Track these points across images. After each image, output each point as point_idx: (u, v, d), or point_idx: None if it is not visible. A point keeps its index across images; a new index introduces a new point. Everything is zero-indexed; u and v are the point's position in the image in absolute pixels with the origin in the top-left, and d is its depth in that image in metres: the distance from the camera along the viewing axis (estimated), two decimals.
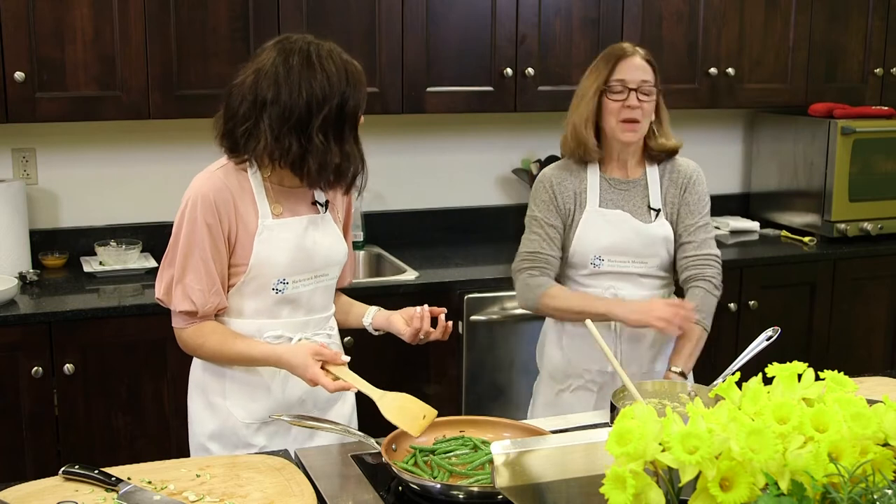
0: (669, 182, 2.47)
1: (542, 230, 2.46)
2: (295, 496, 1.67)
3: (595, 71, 2.43)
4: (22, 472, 2.73)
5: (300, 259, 2.03)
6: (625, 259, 2.43)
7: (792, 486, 1.18)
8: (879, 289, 3.85)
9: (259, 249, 1.99)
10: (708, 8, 3.69)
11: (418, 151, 3.77)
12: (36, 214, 3.30)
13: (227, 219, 1.97)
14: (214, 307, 1.99)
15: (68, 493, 1.67)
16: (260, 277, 2.00)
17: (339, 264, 2.13)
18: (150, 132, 3.38)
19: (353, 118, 1.96)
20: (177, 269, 1.98)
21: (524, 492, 1.35)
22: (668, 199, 2.46)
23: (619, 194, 2.46)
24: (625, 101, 2.37)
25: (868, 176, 3.85)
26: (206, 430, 2.09)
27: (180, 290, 1.97)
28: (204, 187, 1.97)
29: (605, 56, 2.44)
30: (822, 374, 1.37)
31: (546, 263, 2.46)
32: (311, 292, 2.07)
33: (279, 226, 2.01)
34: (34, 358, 2.75)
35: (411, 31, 3.30)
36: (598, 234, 2.42)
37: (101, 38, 2.97)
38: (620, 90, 2.38)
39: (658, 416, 1.24)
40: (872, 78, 4.07)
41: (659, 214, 2.45)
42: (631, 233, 2.42)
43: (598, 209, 2.44)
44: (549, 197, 2.46)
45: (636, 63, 2.40)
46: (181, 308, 1.98)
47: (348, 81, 1.93)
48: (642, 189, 2.47)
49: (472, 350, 3.22)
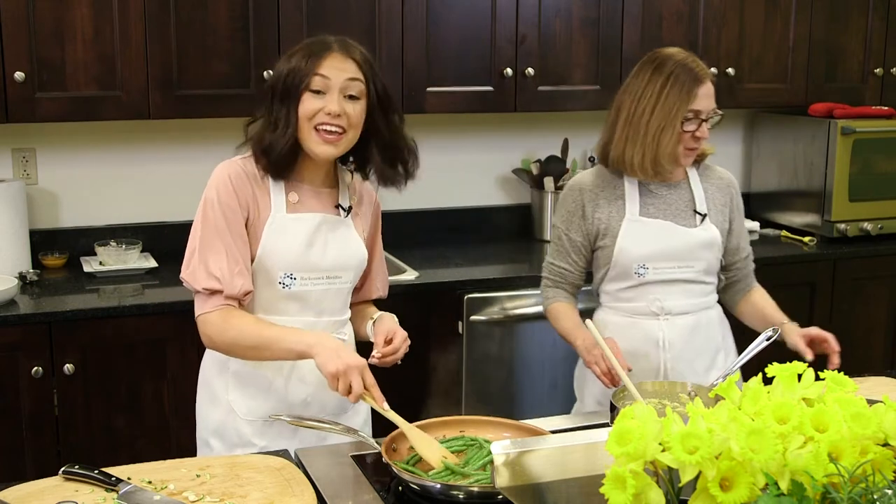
0: (714, 188, 2.42)
1: (560, 242, 2.41)
2: (295, 496, 1.67)
3: (675, 92, 2.24)
4: (22, 472, 2.73)
5: (308, 256, 2.02)
6: (670, 265, 2.34)
7: (792, 486, 1.18)
8: (879, 289, 3.85)
9: (267, 239, 1.99)
10: (708, 8, 3.69)
11: (418, 151, 3.77)
12: (36, 214, 3.30)
13: (245, 203, 1.98)
14: (240, 289, 1.95)
15: (68, 493, 1.67)
16: (267, 269, 2.00)
17: (353, 269, 2.10)
18: (150, 132, 3.38)
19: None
20: (199, 250, 1.96)
21: (524, 492, 1.35)
22: (717, 205, 2.41)
23: (660, 200, 2.37)
24: (695, 132, 2.27)
25: (868, 176, 3.85)
26: (210, 426, 2.10)
27: (203, 269, 1.95)
28: (224, 173, 1.99)
29: (679, 80, 2.25)
30: (822, 374, 1.37)
31: (559, 276, 2.42)
32: (321, 293, 2.06)
33: (291, 219, 2.01)
34: (34, 358, 2.75)
35: (411, 31, 3.30)
36: (641, 243, 2.33)
37: (101, 38, 2.97)
38: (692, 118, 2.26)
39: (658, 416, 1.24)
40: (872, 78, 4.07)
41: (705, 219, 2.37)
42: (675, 239, 2.34)
43: (639, 218, 2.35)
44: (577, 208, 2.38)
45: (709, 91, 2.28)
46: (205, 285, 1.94)
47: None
48: (685, 192, 2.39)
49: (472, 350, 3.22)
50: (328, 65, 1.94)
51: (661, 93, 2.26)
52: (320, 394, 2.06)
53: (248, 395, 2.06)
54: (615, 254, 2.34)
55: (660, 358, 2.36)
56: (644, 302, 2.36)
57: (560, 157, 3.83)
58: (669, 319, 2.36)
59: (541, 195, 3.78)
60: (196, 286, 1.97)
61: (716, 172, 2.46)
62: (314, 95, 1.94)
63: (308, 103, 1.94)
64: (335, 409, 2.11)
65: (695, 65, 2.28)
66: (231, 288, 1.94)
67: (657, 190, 2.37)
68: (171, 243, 3.41)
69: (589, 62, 3.57)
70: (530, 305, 3.25)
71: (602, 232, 2.36)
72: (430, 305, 3.15)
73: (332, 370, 1.83)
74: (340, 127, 1.95)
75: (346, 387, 1.83)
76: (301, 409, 2.07)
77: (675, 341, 2.36)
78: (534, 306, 3.25)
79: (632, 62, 3.58)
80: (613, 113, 2.36)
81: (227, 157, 2.04)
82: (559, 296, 2.43)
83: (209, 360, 2.13)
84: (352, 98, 1.96)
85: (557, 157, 3.83)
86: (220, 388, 2.08)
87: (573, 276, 2.42)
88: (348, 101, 1.95)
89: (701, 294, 2.40)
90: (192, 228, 2.01)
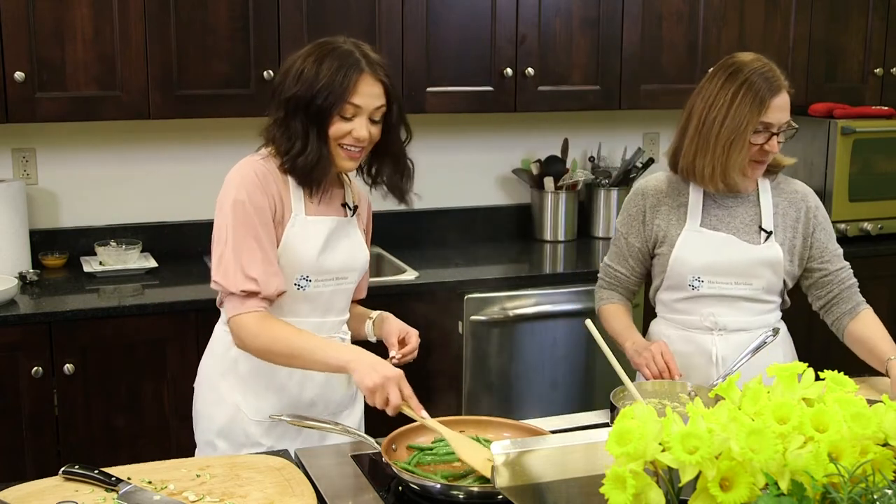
0: (786, 203, 2.30)
1: (619, 245, 2.36)
2: (295, 496, 1.67)
3: (747, 102, 2.14)
4: (22, 472, 2.73)
5: (323, 259, 2.03)
6: (727, 280, 2.24)
7: (792, 486, 1.18)
8: (879, 289, 3.85)
9: (287, 241, 1.99)
10: (708, 8, 3.69)
11: (418, 151, 3.75)
12: (36, 214, 3.30)
13: (272, 200, 1.98)
14: (276, 289, 1.95)
15: (68, 493, 1.67)
16: (285, 270, 2.00)
17: (359, 270, 2.13)
18: (150, 132, 3.38)
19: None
20: (233, 251, 1.93)
21: (524, 492, 1.35)
22: (787, 221, 2.29)
23: (724, 211, 2.27)
24: (764, 145, 2.17)
25: (868, 176, 3.85)
26: (215, 427, 2.10)
27: (239, 271, 1.93)
28: (249, 171, 1.98)
29: (752, 89, 2.15)
30: (822, 374, 1.37)
31: (614, 279, 2.38)
32: (330, 294, 2.08)
33: (311, 222, 2.02)
34: (34, 358, 2.75)
35: (411, 31, 3.30)
36: (698, 254, 2.24)
37: (101, 38, 2.97)
38: (762, 131, 2.16)
39: (658, 416, 1.24)
40: (872, 78, 4.07)
41: (770, 237, 2.26)
42: (734, 254, 2.24)
43: (699, 228, 2.26)
44: (639, 212, 2.32)
45: (784, 102, 2.17)
46: (242, 287, 1.92)
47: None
48: (752, 206, 2.29)
49: (473, 350, 3.22)
50: (361, 92, 1.95)
51: (732, 102, 2.16)
52: (327, 393, 2.08)
53: (258, 396, 2.07)
54: (670, 263, 2.27)
55: (712, 374, 2.26)
56: (698, 316, 2.28)
57: (560, 157, 3.82)
58: (724, 335, 2.27)
59: (541, 195, 3.78)
60: (232, 288, 1.94)
61: (791, 185, 2.34)
62: (344, 120, 1.96)
63: (337, 126, 1.96)
64: (336, 408, 2.13)
65: (771, 74, 2.17)
66: (268, 289, 1.94)
67: (723, 201, 2.28)
68: (171, 243, 3.41)
69: (589, 62, 3.57)
70: (530, 305, 3.25)
71: (660, 239, 2.30)
72: (430, 305, 3.14)
73: (370, 385, 1.82)
74: (364, 146, 2.01)
75: (384, 399, 1.82)
76: (306, 408, 2.07)
77: (728, 358, 2.25)
78: (534, 306, 3.26)
79: (632, 62, 3.62)
80: (685, 118, 2.26)
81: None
82: (613, 297, 2.38)
83: (211, 361, 2.13)
84: (375, 122, 2.01)
85: (557, 157, 3.83)
86: (226, 389, 2.08)
87: (629, 280, 2.37)
88: (372, 123, 2.00)
89: (759, 312, 2.29)
90: (216, 230, 1.98)
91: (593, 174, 3.86)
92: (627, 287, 2.38)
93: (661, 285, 2.33)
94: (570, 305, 3.27)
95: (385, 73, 2.00)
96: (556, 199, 3.75)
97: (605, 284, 2.41)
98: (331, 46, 1.99)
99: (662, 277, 2.31)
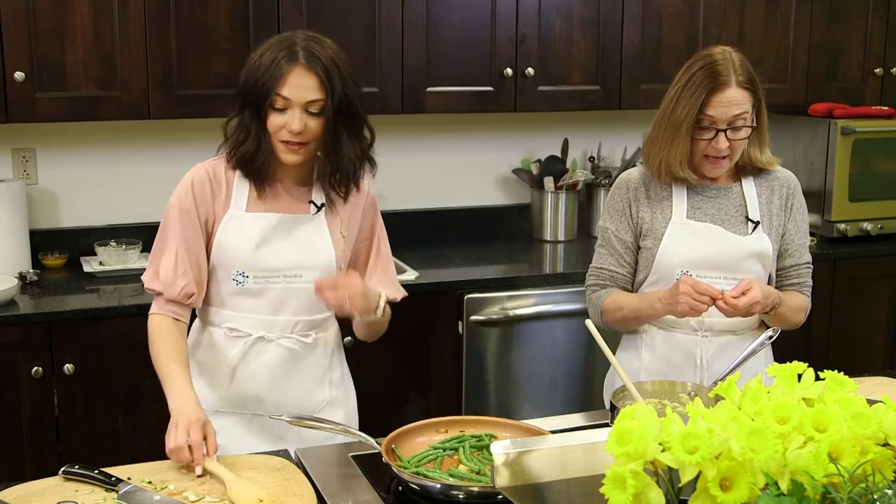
0: (770, 191, 2.27)
1: (609, 243, 2.28)
2: (295, 496, 1.67)
3: (688, 95, 2.12)
4: (22, 472, 2.73)
5: (259, 255, 2.03)
6: (715, 275, 2.19)
7: (792, 486, 1.18)
8: (879, 289, 3.85)
9: (220, 237, 2.04)
10: (708, 8, 3.69)
11: (418, 151, 3.77)
12: (36, 214, 3.30)
13: (203, 205, 2.04)
14: (181, 290, 2.01)
15: (68, 493, 1.67)
16: (221, 265, 2.05)
17: (318, 268, 2.06)
18: (150, 132, 3.38)
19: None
20: (154, 252, 2.06)
21: (524, 492, 1.35)
22: (774, 209, 2.26)
23: (709, 202, 2.24)
24: (711, 141, 2.13)
25: (868, 176, 3.85)
26: None
27: (153, 270, 2.04)
28: (188, 178, 2.07)
29: (698, 78, 2.12)
30: (822, 374, 1.37)
31: (610, 280, 2.28)
32: (281, 291, 2.06)
33: (249, 218, 2.04)
34: (34, 358, 2.75)
35: (411, 31, 3.30)
36: (686, 247, 2.20)
37: (101, 38, 2.97)
38: (708, 127, 2.12)
39: (658, 416, 1.24)
40: (872, 78, 4.07)
41: (757, 227, 2.23)
42: (723, 246, 2.20)
43: (686, 220, 2.22)
44: (625, 205, 2.26)
45: (729, 97, 2.10)
46: (149, 285, 2.04)
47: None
48: (737, 197, 2.26)
49: (472, 350, 3.22)
50: (290, 83, 1.93)
51: (677, 95, 2.15)
52: (273, 391, 2.08)
53: (204, 385, 2.10)
54: (657, 257, 2.22)
55: (696, 377, 2.22)
56: None
57: (560, 157, 3.83)
58: (709, 337, 2.24)
59: (541, 195, 3.78)
60: (146, 286, 2.05)
61: (774, 173, 2.31)
62: (277, 112, 1.96)
63: (272, 119, 1.97)
64: (292, 408, 2.07)
65: (721, 68, 2.11)
66: (171, 290, 2.01)
67: (705, 192, 2.25)
68: None
69: (589, 62, 3.57)
70: (530, 305, 3.25)
71: (644, 232, 2.25)
72: (430, 305, 3.15)
73: (169, 446, 1.80)
74: (302, 141, 1.97)
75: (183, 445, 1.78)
76: (255, 405, 2.09)
77: (713, 361, 2.22)
78: (534, 306, 3.25)
79: (632, 62, 3.62)
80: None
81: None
82: (611, 291, 2.28)
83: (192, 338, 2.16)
84: (313, 115, 1.96)
85: (557, 157, 3.83)
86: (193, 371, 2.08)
87: (625, 279, 2.29)
88: (310, 116, 1.96)
89: None
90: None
91: (593, 174, 3.86)
92: (624, 287, 2.30)
93: (645, 279, 2.27)
94: (569, 305, 3.27)
95: (325, 66, 1.94)
96: (556, 199, 3.75)
97: (599, 286, 2.31)
98: (279, 39, 1.99)
99: (647, 273, 2.26)
